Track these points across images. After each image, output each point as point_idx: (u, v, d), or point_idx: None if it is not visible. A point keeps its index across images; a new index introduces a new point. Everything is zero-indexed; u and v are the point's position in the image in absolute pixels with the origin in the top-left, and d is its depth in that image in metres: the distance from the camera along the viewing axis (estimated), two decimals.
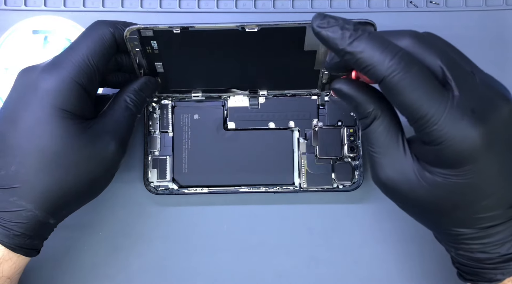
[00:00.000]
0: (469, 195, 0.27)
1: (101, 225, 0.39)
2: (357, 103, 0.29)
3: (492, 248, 0.28)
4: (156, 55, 0.34)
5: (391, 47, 0.26)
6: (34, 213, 0.30)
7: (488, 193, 0.27)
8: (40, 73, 0.31)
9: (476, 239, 0.28)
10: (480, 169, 0.26)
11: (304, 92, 0.39)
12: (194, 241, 0.39)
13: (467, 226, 0.28)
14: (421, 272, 0.39)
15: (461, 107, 0.26)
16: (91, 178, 0.32)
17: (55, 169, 0.31)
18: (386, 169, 0.29)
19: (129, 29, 0.32)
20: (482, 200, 0.27)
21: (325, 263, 0.39)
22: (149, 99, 0.37)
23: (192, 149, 0.39)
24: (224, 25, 0.31)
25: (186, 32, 0.32)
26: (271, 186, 0.38)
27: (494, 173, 0.27)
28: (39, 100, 0.31)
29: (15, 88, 0.32)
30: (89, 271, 0.39)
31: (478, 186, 0.27)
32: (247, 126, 0.39)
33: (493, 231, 0.28)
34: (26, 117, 0.31)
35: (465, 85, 0.26)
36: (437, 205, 0.28)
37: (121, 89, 0.35)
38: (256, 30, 0.32)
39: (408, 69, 0.26)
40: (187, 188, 0.39)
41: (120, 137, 0.33)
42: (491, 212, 0.27)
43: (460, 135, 0.26)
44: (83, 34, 0.33)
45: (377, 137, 0.29)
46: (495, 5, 0.40)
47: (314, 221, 0.39)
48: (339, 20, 0.27)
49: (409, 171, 0.28)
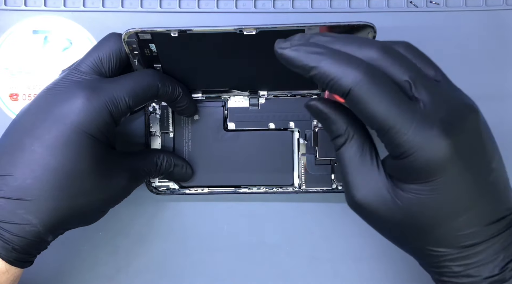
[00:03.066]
0: (443, 210, 0.27)
1: (101, 225, 0.39)
2: (331, 122, 0.29)
3: (475, 270, 0.27)
4: (155, 57, 0.34)
5: (353, 60, 0.26)
6: (37, 229, 0.30)
7: (463, 207, 0.27)
8: (78, 94, 0.31)
9: (457, 260, 0.27)
10: (451, 181, 0.26)
11: (304, 92, 0.39)
12: (194, 241, 0.39)
13: (446, 245, 0.27)
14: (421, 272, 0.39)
15: (430, 118, 0.25)
16: (98, 206, 0.32)
17: (71, 191, 0.30)
18: (360, 189, 0.28)
19: (127, 32, 0.32)
20: (458, 215, 0.27)
21: (325, 263, 0.39)
22: None
23: (193, 149, 0.39)
24: (222, 28, 0.31)
25: (184, 35, 0.32)
26: (271, 187, 0.38)
27: (467, 186, 0.26)
28: (70, 121, 0.30)
29: (46, 99, 0.32)
30: (89, 271, 0.39)
31: (450, 200, 0.26)
32: (247, 127, 0.39)
33: (473, 251, 0.27)
34: (54, 135, 0.30)
35: (433, 97, 0.26)
36: (413, 224, 0.27)
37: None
38: (254, 33, 0.32)
39: (373, 81, 0.26)
40: (187, 188, 0.39)
41: (135, 178, 0.34)
42: (469, 228, 0.27)
43: (429, 146, 0.25)
44: (136, 73, 0.34)
45: (351, 158, 0.29)
46: (495, 5, 0.40)
47: (314, 221, 0.39)
48: (301, 39, 0.28)
49: (383, 190, 0.28)
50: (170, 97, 0.35)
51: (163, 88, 0.34)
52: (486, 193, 0.27)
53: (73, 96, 0.31)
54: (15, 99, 0.39)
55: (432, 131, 0.25)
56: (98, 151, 0.31)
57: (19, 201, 0.30)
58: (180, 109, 0.37)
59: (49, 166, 0.30)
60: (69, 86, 0.32)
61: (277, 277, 0.39)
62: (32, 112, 0.32)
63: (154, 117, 0.39)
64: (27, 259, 0.31)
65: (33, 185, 0.30)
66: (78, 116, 0.31)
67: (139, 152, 0.37)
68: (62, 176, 0.30)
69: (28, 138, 0.31)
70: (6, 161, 0.30)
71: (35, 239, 0.30)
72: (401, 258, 0.39)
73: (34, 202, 0.30)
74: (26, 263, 0.31)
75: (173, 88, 0.35)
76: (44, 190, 0.30)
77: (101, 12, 0.40)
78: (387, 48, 0.27)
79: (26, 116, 0.32)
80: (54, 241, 0.33)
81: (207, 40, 0.32)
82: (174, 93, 0.35)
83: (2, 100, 0.39)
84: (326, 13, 0.40)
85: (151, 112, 0.39)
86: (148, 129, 0.39)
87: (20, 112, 0.32)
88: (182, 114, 0.38)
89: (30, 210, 0.30)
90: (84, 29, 0.40)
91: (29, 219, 0.30)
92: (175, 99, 0.35)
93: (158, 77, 0.34)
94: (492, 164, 0.27)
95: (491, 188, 0.27)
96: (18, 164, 0.30)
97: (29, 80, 0.39)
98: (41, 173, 0.30)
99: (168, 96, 0.35)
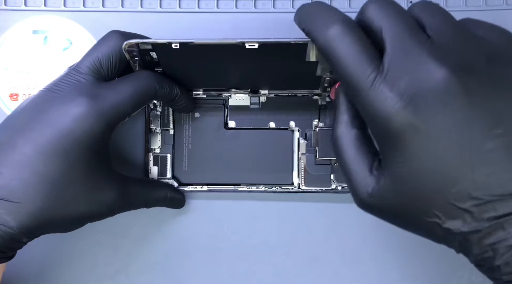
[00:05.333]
0: (430, 182, 0.25)
1: (101, 225, 0.39)
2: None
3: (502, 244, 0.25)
4: (156, 62, 0.34)
5: (332, 13, 0.27)
6: (13, 231, 0.30)
7: (453, 175, 0.24)
8: (76, 101, 0.31)
9: (478, 234, 0.25)
10: (424, 146, 0.25)
11: (305, 92, 0.39)
12: (194, 241, 0.39)
13: (457, 221, 0.25)
14: (421, 271, 0.39)
15: (389, 81, 0.25)
16: (78, 218, 0.32)
17: (54, 199, 0.30)
18: (360, 187, 0.28)
19: (127, 43, 0.32)
20: (449, 187, 0.25)
21: (325, 263, 0.39)
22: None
23: (193, 147, 0.39)
24: (224, 41, 0.31)
25: (185, 46, 0.31)
26: (270, 186, 0.38)
27: (448, 150, 0.24)
28: (65, 129, 0.30)
29: (44, 101, 0.32)
30: (89, 271, 0.39)
31: (431, 167, 0.25)
32: (248, 126, 0.39)
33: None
34: (47, 140, 0.30)
35: (399, 57, 0.26)
36: (409, 206, 0.26)
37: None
38: (256, 47, 0.31)
39: (342, 38, 0.26)
40: (187, 186, 0.39)
41: (125, 203, 0.34)
42: (471, 200, 0.24)
43: (387, 110, 0.25)
44: (133, 77, 0.33)
45: (349, 146, 0.29)
46: (495, 5, 0.40)
47: (314, 221, 0.39)
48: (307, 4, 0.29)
49: (376, 182, 0.27)
50: (168, 98, 0.35)
51: (161, 90, 0.34)
52: (476, 159, 0.24)
53: (71, 103, 0.31)
54: (15, 99, 0.39)
55: (391, 94, 0.25)
56: (89, 163, 0.31)
57: (1, 201, 0.29)
58: (178, 108, 0.37)
59: (37, 171, 0.30)
60: (68, 90, 0.32)
61: (276, 277, 0.39)
62: (29, 112, 0.31)
63: (155, 114, 0.39)
64: (1, 256, 0.31)
65: (18, 187, 0.29)
66: (74, 126, 0.30)
67: (138, 179, 0.37)
68: (48, 183, 0.30)
69: (21, 139, 0.30)
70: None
71: (8, 239, 0.30)
72: (401, 258, 0.39)
73: (16, 204, 0.29)
74: (3, 259, 0.31)
75: (171, 89, 0.34)
76: (28, 194, 0.30)
77: (101, 12, 0.40)
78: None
79: (22, 115, 0.31)
80: (54, 241, 0.33)
81: (208, 51, 0.32)
82: (172, 94, 0.35)
83: (2, 100, 0.39)
84: None
85: (152, 109, 0.39)
86: (148, 126, 0.39)
87: (17, 110, 0.32)
88: (180, 112, 0.38)
89: (10, 211, 0.29)
90: (84, 29, 0.40)
91: (7, 220, 0.29)
92: (173, 99, 0.35)
93: (156, 79, 0.33)
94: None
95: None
96: (7, 163, 0.30)
97: (29, 80, 0.39)
98: (28, 176, 0.30)
99: (166, 97, 0.35)
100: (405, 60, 0.26)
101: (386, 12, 0.27)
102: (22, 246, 0.32)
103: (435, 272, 0.38)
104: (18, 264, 0.37)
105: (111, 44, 0.33)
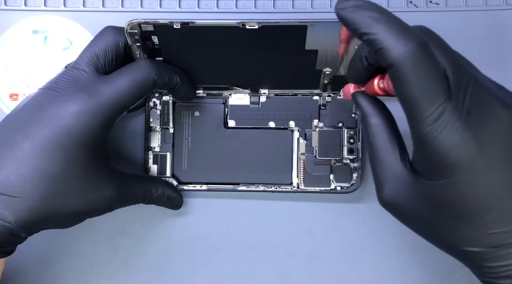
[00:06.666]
0: (466, 206, 0.25)
1: (101, 225, 0.39)
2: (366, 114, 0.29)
3: None
4: (157, 50, 0.34)
5: (408, 32, 0.25)
6: (11, 226, 0.30)
7: (489, 205, 0.25)
8: (74, 98, 0.31)
9: (494, 260, 0.26)
10: (473, 177, 0.25)
11: (305, 92, 0.39)
12: (193, 240, 0.39)
13: (476, 244, 0.26)
14: (421, 272, 0.39)
15: (458, 110, 0.25)
16: (76, 214, 0.32)
17: (52, 195, 0.30)
18: (386, 187, 0.28)
19: (130, 23, 0.32)
20: (484, 213, 0.25)
21: (324, 262, 0.39)
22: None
23: (192, 145, 0.39)
24: (225, 22, 0.31)
25: (186, 28, 0.32)
26: (269, 185, 0.38)
27: (492, 183, 0.25)
28: (63, 126, 0.31)
29: (43, 99, 0.32)
30: (89, 271, 0.39)
31: (473, 196, 0.25)
32: (248, 125, 0.39)
33: (508, 251, 0.25)
34: (45, 136, 0.30)
35: (466, 90, 0.25)
36: (438, 221, 0.27)
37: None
38: (256, 27, 0.32)
39: (419, 61, 0.25)
40: (186, 185, 0.39)
41: (123, 199, 0.34)
42: (498, 227, 0.25)
43: (452, 139, 0.25)
44: (131, 69, 0.33)
45: (379, 147, 0.29)
46: (495, 5, 0.40)
47: (314, 221, 0.39)
48: (361, 2, 0.26)
49: (408, 187, 0.27)
50: (168, 86, 0.35)
51: (160, 80, 0.33)
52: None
53: (69, 100, 0.31)
54: (15, 99, 0.40)
55: (457, 124, 0.25)
56: (87, 159, 0.31)
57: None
58: (178, 96, 0.37)
59: (35, 166, 0.30)
60: (67, 87, 0.32)
61: (276, 277, 0.39)
62: (28, 110, 0.32)
63: (155, 113, 0.39)
64: (1, 250, 0.31)
65: (16, 182, 0.30)
66: (72, 122, 0.31)
67: (136, 175, 0.37)
68: (46, 178, 0.30)
69: (20, 136, 0.31)
70: None
71: (6, 234, 0.30)
72: (401, 258, 0.39)
73: (14, 199, 0.30)
74: (1, 254, 0.31)
75: (170, 78, 0.34)
76: (25, 189, 0.30)
77: (101, 12, 0.40)
78: (430, 33, 0.27)
79: (21, 113, 0.32)
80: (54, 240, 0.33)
81: (209, 34, 0.32)
82: (172, 83, 0.34)
83: (2, 100, 0.39)
84: (326, 13, 0.40)
85: (152, 107, 0.39)
86: (148, 124, 0.39)
87: (17, 108, 0.32)
88: (181, 100, 0.38)
89: (8, 206, 0.30)
90: (84, 29, 0.40)
91: (4, 215, 0.30)
92: (173, 88, 0.35)
93: (154, 69, 0.33)
94: None
95: None
96: (6, 159, 0.30)
97: (29, 80, 0.39)
98: (26, 172, 0.30)
99: (166, 86, 0.35)
100: (476, 98, 0.26)
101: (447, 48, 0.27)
102: (21, 241, 0.32)
103: (435, 272, 0.38)
104: (17, 262, 0.37)
105: (106, 38, 0.33)
